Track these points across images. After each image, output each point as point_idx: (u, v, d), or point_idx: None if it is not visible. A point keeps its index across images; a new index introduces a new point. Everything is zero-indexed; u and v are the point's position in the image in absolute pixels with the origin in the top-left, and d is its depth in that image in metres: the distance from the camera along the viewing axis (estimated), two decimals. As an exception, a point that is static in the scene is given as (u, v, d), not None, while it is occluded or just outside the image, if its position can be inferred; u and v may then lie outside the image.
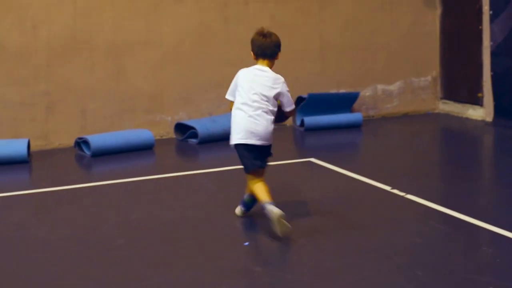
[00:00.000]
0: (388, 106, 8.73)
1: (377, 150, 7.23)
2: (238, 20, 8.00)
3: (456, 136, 7.93)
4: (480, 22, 8.16)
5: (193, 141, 7.55)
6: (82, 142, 7.21)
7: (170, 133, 7.83)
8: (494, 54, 8.04)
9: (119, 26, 7.59)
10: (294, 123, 8.21)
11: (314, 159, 6.62)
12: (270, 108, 4.81)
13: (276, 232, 4.55)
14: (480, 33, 8.17)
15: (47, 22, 7.33)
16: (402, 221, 5.00)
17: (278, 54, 4.89)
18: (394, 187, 5.63)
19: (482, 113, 8.28)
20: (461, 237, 4.66)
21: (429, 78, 8.86)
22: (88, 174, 6.74)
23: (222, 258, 4.45)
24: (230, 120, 7.52)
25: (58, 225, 5.12)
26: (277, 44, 4.85)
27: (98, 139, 7.09)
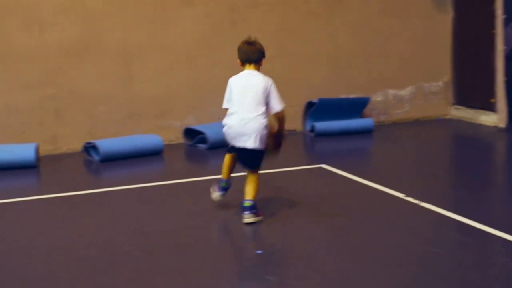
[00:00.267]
0: (399, 111, 8.64)
1: (389, 157, 7.14)
2: (246, 23, 7.93)
3: (469, 142, 7.83)
4: (493, 27, 8.07)
5: (202, 146, 7.48)
6: (90, 147, 7.15)
7: (179, 138, 7.76)
8: (507, 59, 7.95)
9: (128, 30, 7.54)
10: (304, 129, 8.13)
11: (326, 166, 6.54)
12: (263, 111, 5.00)
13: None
14: (493, 37, 8.08)
15: (56, 25, 7.28)
16: (417, 229, 4.93)
17: (262, 60, 5.14)
18: (408, 195, 5.55)
19: (495, 119, 8.18)
20: (476, 245, 4.57)
21: (440, 83, 8.77)
22: (96, 180, 6.68)
23: (234, 266, 4.37)
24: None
25: (67, 232, 5.06)
26: (261, 50, 5.10)
27: (106, 144, 7.04)
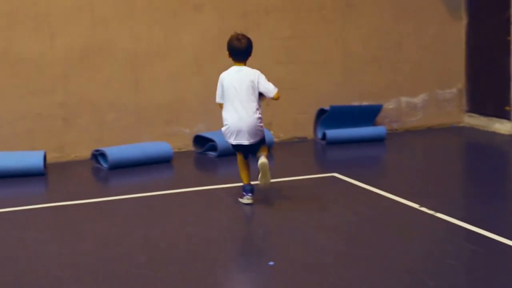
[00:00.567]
0: (412, 119, 8.52)
1: (402, 165, 7.02)
2: (258, 29, 7.86)
3: (483, 151, 7.71)
4: (508, 33, 7.95)
5: (212, 154, 7.38)
6: (99, 155, 7.07)
7: (189, 145, 7.67)
8: (522, 66, 7.84)
9: (137, 36, 7.48)
10: (316, 136, 8.02)
11: (338, 174, 6.42)
12: (256, 105, 5.44)
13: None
14: (508, 44, 7.96)
15: (65, 31, 7.23)
16: (433, 241, 4.83)
17: (250, 54, 5.54)
18: (423, 205, 5.43)
19: (509, 127, 8.05)
20: (493, 258, 4.45)
21: (454, 90, 8.65)
22: (104, 188, 6.60)
23: (246, 278, 4.27)
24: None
25: (75, 241, 4.98)
26: (251, 47, 5.51)
27: (115, 152, 6.96)
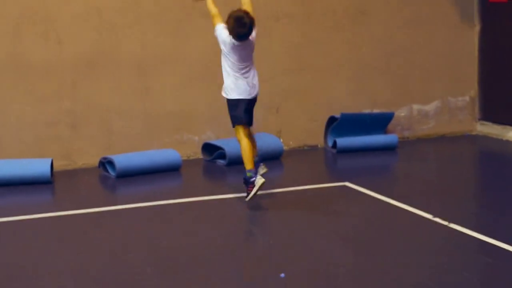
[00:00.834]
0: (424, 127, 8.41)
1: (414, 174, 6.90)
2: (268, 36, 7.78)
3: (496, 160, 7.59)
4: (522, 40, 7.85)
5: (221, 162, 7.28)
6: (106, 162, 6.98)
7: (198, 153, 7.59)
8: (537, 74, 7.72)
9: (146, 43, 7.41)
10: (326, 144, 7.91)
11: (349, 183, 6.32)
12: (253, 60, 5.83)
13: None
14: (522, 51, 7.85)
15: (73, 37, 7.17)
16: (448, 253, 4.72)
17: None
18: (436, 215, 5.32)
19: (523, 135, 7.94)
20: (510, 270, 4.34)
21: (467, 98, 8.54)
22: (112, 197, 6.52)
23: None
24: (260, 141, 7.34)
25: (82, 251, 4.90)
26: (252, 28, 5.65)
27: (123, 160, 6.88)
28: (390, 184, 6.67)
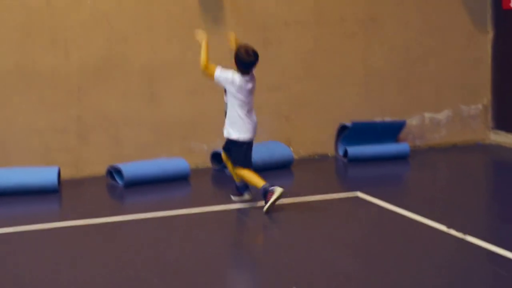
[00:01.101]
0: (435, 136, 8.29)
1: (427, 184, 6.79)
2: (278, 43, 7.71)
3: (510, 169, 7.48)
4: (536, 47, 7.74)
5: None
6: (114, 171, 6.90)
7: (206, 162, 7.49)
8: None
9: (154, 50, 7.34)
10: (337, 153, 7.80)
11: (361, 194, 6.21)
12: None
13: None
14: (536, 58, 7.74)
15: (81, 45, 7.10)
16: (463, 267, 4.62)
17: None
18: (451, 227, 5.20)
19: (537, 144, 7.82)
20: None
21: (479, 106, 8.42)
22: (120, 206, 6.44)
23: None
24: (269, 149, 7.14)
25: (90, 263, 4.82)
26: (257, 59, 5.89)
27: (131, 168, 6.79)
28: (403, 194, 6.55)
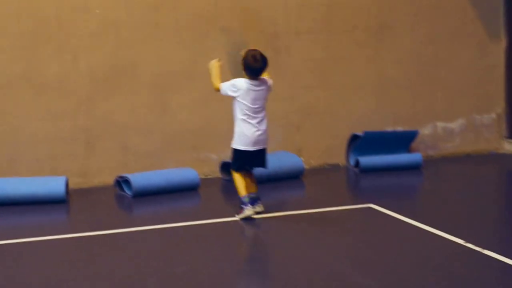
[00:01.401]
0: (448, 145, 8.17)
1: (442, 196, 6.65)
2: (289, 52, 7.62)
3: (525, 179, 7.33)
4: (551, 56, 7.62)
5: (240, 181, 7.06)
6: (123, 181, 6.80)
7: (216, 172, 7.39)
8: None
9: (164, 58, 7.25)
10: (348, 163, 7.68)
11: (374, 205, 6.08)
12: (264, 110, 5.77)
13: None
14: (551, 67, 7.62)
15: (89, 53, 7.02)
16: (481, 282, 4.47)
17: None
18: (468, 241, 5.07)
19: (553, 154, 7.69)
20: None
21: (493, 115, 8.31)
22: (128, 217, 6.34)
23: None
24: (280, 159, 7.03)
25: (97, 277, 4.70)
26: (265, 64, 5.75)
27: (139, 179, 6.70)
28: (417, 206, 6.41)
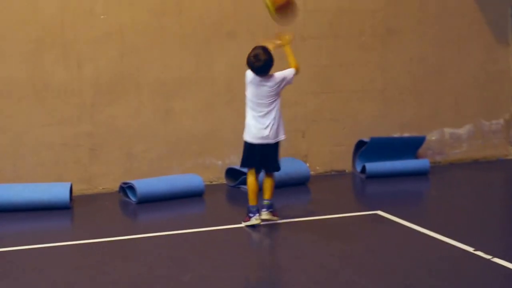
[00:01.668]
0: (456, 151, 8.10)
1: (450, 202, 6.57)
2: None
3: (534, 186, 7.24)
4: (560, 61, 7.55)
5: (245, 187, 6.99)
6: (127, 187, 6.74)
7: (221, 178, 7.33)
8: None
9: (168, 64, 7.20)
10: (354, 170, 7.60)
11: (381, 212, 6.00)
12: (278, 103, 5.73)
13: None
14: (560, 72, 7.54)
15: (93, 59, 6.98)
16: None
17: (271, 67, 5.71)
18: (478, 248, 4.99)
19: (562, 160, 7.61)
20: None
21: (501, 121, 8.24)
22: (132, 224, 6.27)
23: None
24: (286, 165, 7.00)
25: (102, 284, 4.62)
26: (268, 63, 5.71)
27: (144, 185, 6.63)
28: (425, 212, 6.33)
